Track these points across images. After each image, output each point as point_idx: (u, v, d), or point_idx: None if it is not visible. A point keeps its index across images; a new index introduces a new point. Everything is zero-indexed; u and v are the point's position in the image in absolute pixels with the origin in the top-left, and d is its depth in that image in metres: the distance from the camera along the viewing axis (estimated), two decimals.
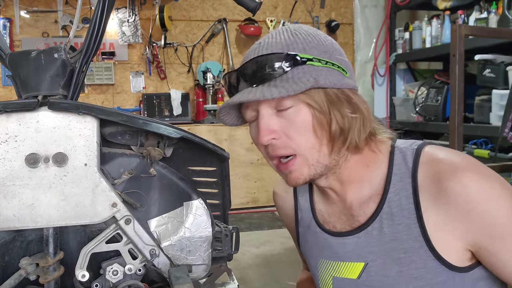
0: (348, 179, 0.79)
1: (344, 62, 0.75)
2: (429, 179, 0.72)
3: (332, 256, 0.84)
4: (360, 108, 0.73)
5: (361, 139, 0.74)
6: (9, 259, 0.90)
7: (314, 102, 0.70)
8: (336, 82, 0.71)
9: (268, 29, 4.63)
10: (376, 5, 4.83)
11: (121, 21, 4.24)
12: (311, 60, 0.70)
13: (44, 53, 0.85)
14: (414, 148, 0.77)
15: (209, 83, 4.11)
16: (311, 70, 0.70)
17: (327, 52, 0.73)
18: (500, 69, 2.88)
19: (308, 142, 0.71)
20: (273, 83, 0.69)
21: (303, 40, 0.72)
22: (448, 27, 3.51)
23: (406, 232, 0.74)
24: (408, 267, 0.74)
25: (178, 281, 0.83)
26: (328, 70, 0.71)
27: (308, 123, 0.71)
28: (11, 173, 0.79)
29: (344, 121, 0.71)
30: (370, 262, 0.78)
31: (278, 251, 2.91)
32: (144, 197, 0.93)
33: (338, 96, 0.71)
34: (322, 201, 0.88)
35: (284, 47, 0.71)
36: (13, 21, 4.07)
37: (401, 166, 0.76)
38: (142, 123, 0.86)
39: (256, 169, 4.17)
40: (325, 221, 0.87)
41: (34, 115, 0.80)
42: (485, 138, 3.07)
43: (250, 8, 1.03)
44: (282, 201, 0.98)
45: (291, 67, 0.69)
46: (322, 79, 0.70)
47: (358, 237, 0.80)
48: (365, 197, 0.79)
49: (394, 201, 0.75)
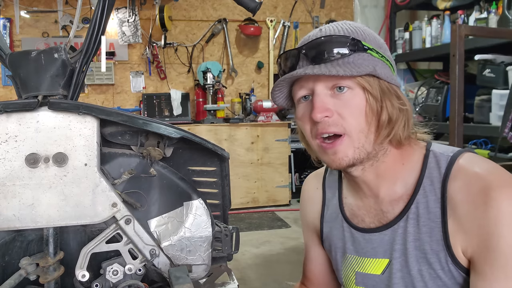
0: (384, 174, 0.81)
1: (391, 61, 0.80)
2: (458, 189, 0.74)
3: (357, 251, 0.86)
4: (407, 104, 0.77)
5: (404, 134, 0.77)
6: (9, 259, 0.90)
7: (370, 87, 0.73)
8: (388, 76, 0.76)
9: (268, 29, 4.63)
10: (376, 5, 4.83)
11: (121, 21, 4.24)
12: (371, 50, 0.75)
13: (44, 53, 0.85)
14: (449, 156, 0.78)
15: (209, 83, 4.11)
16: (370, 59, 0.74)
17: (381, 47, 0.77)
18: (500, 69, 2.88)
19: (358, 125, 0.74)
20: (335, 63, 0.73)
21: (363, 32, 0.76)
22: (448, 27, 3.51)
23: (429, 234, 0.76)
24: (428, 267, 0.76)
25: (178, 281, 0.83)
26: (382, 64, 0.76)
27: (362, 106, 0.74)
28: (11, 173, 0.79)
29: (393, 112, 0.75)
30: (394, 259, 0.80)
31: (278, 251, 2.91)
32: (144, 197, 0.93)
33: (389, 88, 0.75)
34: (352, 195, 0.89)
35: (351, 32, 0.75)
36: (13, 21, 4.07)
37: (434, 170, 0.78)
38: (142, 123, 0.86)
39: (256, 169, 4.17)
40: (353, 215, 0.88)
41: (34, 115, 0.80)
42: (485, 138, 3.07)
43: (250, 8, 1.03)
44: (311, 198, 1.00)
45: (353, 52, 0.73)
46: (379, 69, 0.74)
47: (384, 234, 0.82)
48: (396, 195, 0.81)
49: (422, 203, 0.77)
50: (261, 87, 4.72)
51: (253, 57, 4.68)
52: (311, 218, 0.99)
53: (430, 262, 0.75)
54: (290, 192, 4.29)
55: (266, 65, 4.69)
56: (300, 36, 4.75)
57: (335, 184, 0.94)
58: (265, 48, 4.69)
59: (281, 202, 4.25)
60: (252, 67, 4.69)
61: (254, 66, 4.68)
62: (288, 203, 4.27)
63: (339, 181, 0.93)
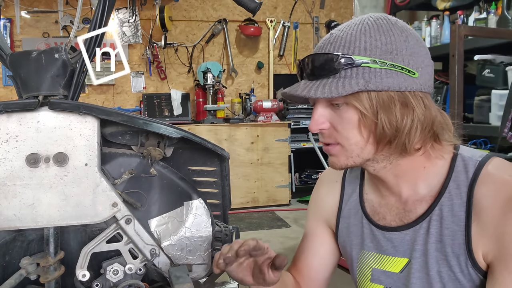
0: (403, 175, 0.81)
1: (415, 61, 0.73)
2: (485, 194, 0.74)
3: (376, 248, 0.86)
4: (415, 113, 0.73)
5: (412, 143, 0.74)
6: (9, 258, 0.91)
7: (361, 105, 0.72)
8: (392, 84, 0.72)
9: (268, 29, 4.64)
10: (376, 6, 4.84)
11: (122, 22, 4.24)
12: (367, 62, 0.72)
13: (45, 53, 0.85)
14: (478, 160, 0.78)
15: (209, 83, 4.11)
16: (365, 72, 0.72)
17: (393, 52, 0.72)
18: (500, 69, 2.88)
19: (352, 138, 0.75)
20: (325, 81, 0.73)
21: (371, 37, 0.73)
22: (448, 27, 3.51)
23: (451, 237, 0.76)
24: (448, 269, 0.76)
25: (178, 280, 0.84)
26: (387, 72, 0.72)
27: (354, 122, 0.74)
28: (11, 173, 0.79)
29: (391, 126, 0.73)
30: (414, 259, 0.80)
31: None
32: (144, 197, 0.94)
33: (392, 98, 0.72)
34: (374, 191, 0.89)
35: (346, 45, 0.73)
36: (13, 21, 4.08)
37: (461, 174, 0.78)
38: (143, 123, 0.86)
39: (256, 169, 4.18)
40: (374, 212, 0.88)
41: (35, 115, 0.80)
42: (484, 138, 3.07)
43: (250, 9, 1.03)
44: (329, 190, 0.98)
45: (344, 68, 0.72)
46: (375, 82, 0.71)
47: (405, 234, 0.82)
48: (419, 196, 0.81)
49: (447, 206, 0.77)
50: (261, 87, 4.72)
51: (253, 57, 4.68)
52: (325, 211, 0.97)
53: (450, 265, 0.76)
54: (290, 192, 4.30)
55: (266, 65, 4.69)
56: (300, 36, 4.75)
57: (357, 180, 0.93)
58: (265, 48, 4.69)
59: (281, 202, 4.25)
60: (252, 67, 4.69)
61: (254, 66, 4.69)
62: (288, 203, 4.27)
63: (361, 177, 0.93)
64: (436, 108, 0.77)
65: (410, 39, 0.74)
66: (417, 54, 0.74)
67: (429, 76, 0.75)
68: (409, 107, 0.73)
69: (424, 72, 0.74)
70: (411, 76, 0.73)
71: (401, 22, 0.76)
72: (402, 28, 0.74)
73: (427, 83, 0.75)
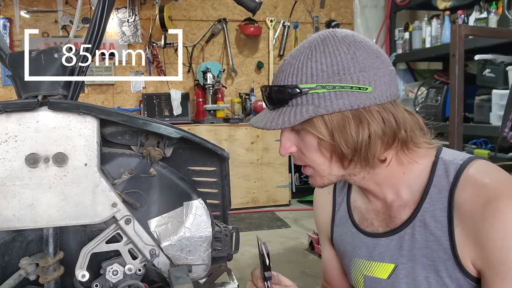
0: (384, 182, 0.81)
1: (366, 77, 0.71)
2: (465, 199, 0.73)
3: (365, 255, 0.87)
4: (371, 128, 0.72)
5: (374, 157, 0.74)
6: (9, 259, 0.90)
7: (316, 131, 0.73)
8: (343, 105, 0.71)
9: (268, 29, 4.63)
10: (376, 5, 4.83)
11: (121, 21, 4.24)
12: (314, 88, 0.72)
13: (44, 53, 0.85)
14: (459, 163, 0.76)
15: (209, 83, 4.11)
16: (314, 98, 0.72)
17: (340, 72, 0.71)
18: (500, 69, 2.88)
19: (317, 160, 0.77)
20: (281, 110, 0.75)
21: (316, 62, 0.72)
22: (448, 27, 3.51)
23: (436, 243, 0.76)
24: (435, 274, 0.76)
25: (178, 281, 0.83)
26: (336, 94, 0.71)
27: (314, 145, 0.75)
28: (11, 173, 0.79)
29: (348, 146, 0.73)
30: (400, 264, 0.80)
31: (278, 251, 2.91)
32: (144, 197, 0.93)
33: (346, 118, 0.71)
34: (362, 198, 0.89)
35: (294, 73, 0.74)
36: (13, 21, 4.07)
37: (442, 179, 0.77)
38: (142, 123, 0.86)
39: (256, 169, 4.17)
40: (363, 218, 0.88)
41: (34, 115, 0.80)
42: (485, 138, 3.07)
43: (250, 8, 1.03)
44: (321, 203, 1.00)
45: (294, 97, 0.73)
46: (325, 106, 0.71)
47: (391, 239, 0.82)
48: (403, 200, 0.81)
49: (429, 211, 0.77)
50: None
51: (253, 57, 4.68)
52: (322, 223, 1.00)
53: (438, 270, 0.76)
54: (290, 192, 4.30)
55: (266, 65, 4.69)
56: (300, 36, 4.75)
57: (344, 189, 0.94)
58: (265, 48, 4.69)
59: (281, 202, 4.25)
60: (252, 67, 4.69)
61: (254, 66, 4.68)
62: (288, 203, 4.27)
63: (348, 186, 0.94)
64: (407, 113, 0.76)
65: (358, 55, 0.71)
66: (368, 68, 0.71)
67: (386, 85, 0.72)
68: (364, 123, 0.72)
69: (379, 84, 0.72)
70: (364, 91, 0.71)
71: (350, 37, 0.73)
72: (349, 44, 0.72)
73: (384, 93, 0.72)
